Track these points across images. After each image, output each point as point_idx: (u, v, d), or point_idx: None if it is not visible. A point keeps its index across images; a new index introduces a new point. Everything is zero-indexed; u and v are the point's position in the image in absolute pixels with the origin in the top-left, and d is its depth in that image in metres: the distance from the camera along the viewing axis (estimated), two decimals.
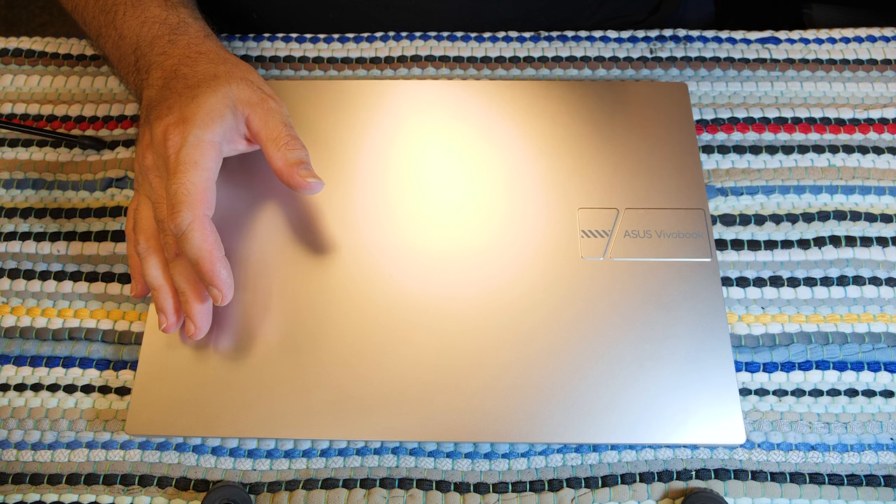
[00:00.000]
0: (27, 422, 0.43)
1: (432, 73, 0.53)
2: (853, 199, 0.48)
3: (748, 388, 0.43)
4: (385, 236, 0.45)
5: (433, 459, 0.42)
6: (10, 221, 0.48)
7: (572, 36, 0.55)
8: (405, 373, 0.41)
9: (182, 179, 0.39)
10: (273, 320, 0.43)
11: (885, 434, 0.42)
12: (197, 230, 0.38)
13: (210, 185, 0.40)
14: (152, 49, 0.45)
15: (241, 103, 0.42)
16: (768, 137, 0.50)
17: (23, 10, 1.41)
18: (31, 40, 0.55)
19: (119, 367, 0.44)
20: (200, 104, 0.40)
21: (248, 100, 0.42)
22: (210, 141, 0.40)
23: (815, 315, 0.45)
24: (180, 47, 0.44)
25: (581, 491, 0.41)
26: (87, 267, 0.47)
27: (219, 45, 0.46)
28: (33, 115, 0.52)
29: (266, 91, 0.44)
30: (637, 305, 0.43)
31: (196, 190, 0.39)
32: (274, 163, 0.42)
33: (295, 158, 0.41)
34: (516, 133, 0.48)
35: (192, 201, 0.38)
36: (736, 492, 0.40)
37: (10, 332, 0.45)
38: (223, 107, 0.41)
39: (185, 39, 0.45)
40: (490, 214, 0.45)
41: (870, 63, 0.53)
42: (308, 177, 0.41)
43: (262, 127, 0.42)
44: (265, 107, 0.42)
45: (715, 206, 0.48)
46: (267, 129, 0.42)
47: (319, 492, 0.41)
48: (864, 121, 0.50)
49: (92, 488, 0.41)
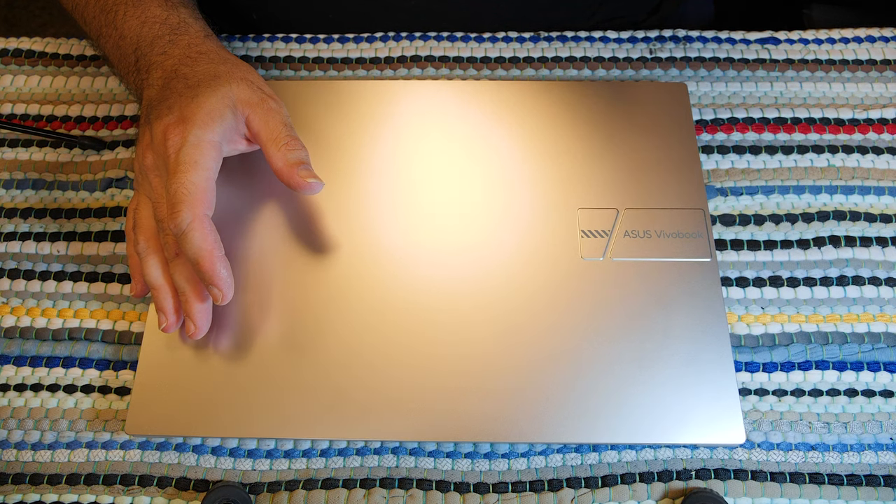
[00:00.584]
0: (27, 422, 0.43)
1: (432, 73, 0.53)
2: (853, 199, 0.48)
3: (748, 387, 0.43)
4: (384, 236, 0.45)
5: (433, 459, 0.42)
6: (10, 221, 0.48)
7: (572, 36, 0.55)
8: (405, 373, 0.41)
9: (182, 179, 0.39)
10: (273, 320, 0.43)
11: (885, 434, 0.42)
12: (197, 229, 0.38)
13: (210, 184, 0.40)
14: (153, 49, 0.45)
15: (241, 103, 0.42)
16: (768, 137, 0.50)
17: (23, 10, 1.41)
18: (31, 40, 0.55)
19: (119, 367, 0.44)
20: (201, 104, 0.40)
21: (248, 100, 0.42)
22: (210, 141, 0.40)
23: (815, 315, 0.45)
24: (181, 47, 0.44)
25: (581, 491, 0.41)
26: (87, 267, 0.47)
27: (219, 45, 0.46)
28: (33, 115, 0.52)
29: (266, 91, 0.44)
30: (637, 305, 0.43)
31: (196, 189, 0.39)
32: (274, 163, 0.42)
33: (295, 158, 0.42)
34: (516, 133, 0.48)
35: (191, 201, 0.38)
36: (736, 492, 0.40)
37: (10, 332, 0.45)
38: (223, 106, 0.41)
39: (186, 39, 0.45)
40: (490, 214, 0.45)
41: (869, 63, 0.53)
42: (308, 177, 0.41)
43: (262, 127, 0.42)
44: (265, 107, 0.42)
45: (715, 206, 0.48)
46: (267, 130, 0.42)
47: (319, 492, 0.41)
48: (864, 121, 0.50)
49: (92, 488, 0.41)
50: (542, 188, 0.46)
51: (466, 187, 0.46)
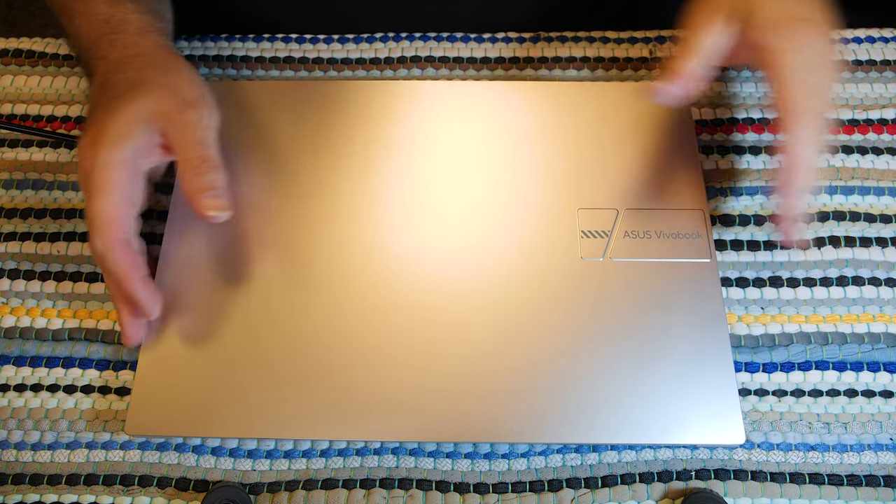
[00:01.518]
0: (27, 422, 0.43)
1: (432, 74, 0.53)
2: (853, 199, 0.48)
3: (748, 388, 0.43)
4: (384, 236, 0.45)
5: (433, 460, 0.42)
6: (10, 221, 0.48)
7: (572, 36, 0.55)
8: (405, 373, 0.41)
9: (93, 205, 0.39)
10: (273, 321, 0.43)
11: (885, 434, 0.42)
12: (109, 255, 0.39)
13: (123, 206, 0.39)
14: (97, 51, 0.44)
15: (155, 117, 0.41)
16: (768, 137, 0.50)
17: (23, 10, 1.41)
18: (31, 41, 0.55)
19: (119, 367, 0.44)
20: (113, 121, 0.40)
21: (164, 112, 0.41)
22: (120, 160, 0.39)
23: (815, 315, 0.45)
24: (117, 49, 0.44)
25: (581, 491, 0.41)
26: (88, 267, 0.47)
27: (156, 42, 0.45)
28: (33, 115, 0.52)
29: (189, 98, 0.42)
30: (637, 306, 0.43)
31: (105, 216, 0.39)
32: (182, 185, 0.41)
33: (202, 184, 0.40)
34: (516, 133, 0.48)
35: (102, 228, 0.39)
36: (735, 492, 0.40)
37: (9, 332, 0.45)
38: (134, 122, 0.40)
39: (122, 40, 0.44)
40: (490, 215, 0.45)
41: (869, 63, 0.53)
42: (210, 209, 0.40)
43: (176, 143, 0.41)
44: (182, 120, 0.41)
45: (715, 206, 0.48)
46: (181, 147, 0.41)
47: (319, 492, 0.41)
48: (864, 121, 0.50)
49: (91, 489, 0.41)
50: (542, 189, 0.46)
51: (467, 188, 0.46)
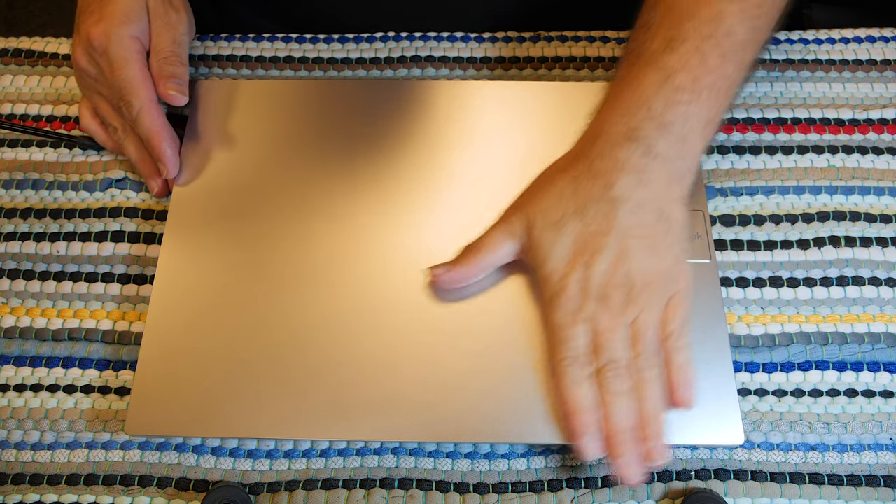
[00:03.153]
0: (27, 422, 0.43)
1: (432, 74, 0.53)
2: (853, 199, 0.48)
3: (747, 388, 0.43)
4: (384, 235, 0.45)
5: (433, 460, 0.42)
6: (10, 221, 0.48)
7: (572, 36, 0.55)
8: (405, 373, 0.41)
9: (121, 74, 0.44)
10: (273, 321, 0.43)
11: (885, 434, 0.42)
12: (146, 114, 0.44)
13: (144, 73, 0.45)
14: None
15: (150, 10, 0.46)
16: (768, 138, 0.50)
17: (23, 10, 1.41)
18: (31, 40, 0.55)
19: (119, 367, 0.44)
20: (117, 4, 0.45)
21: (155, 8, 0.47)
22: (130, 36, 0.45)
23: (815, 315, 0.45)
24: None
25: (581, 491, 0.41)
26: (87, 267, 0.47)
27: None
28: (33, 115, 0.52)
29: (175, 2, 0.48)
30: None
31: (137, 80, 0.44)
32: (152, 70, 0.46)
33: (168, 73, 0.46)
34: (516, 134, 0.48)
35: (136, 89, 0.44)
36: (735, 492, 0.40)
37: (9, 332, 0.45)
38: (138, 7, 0.46)
39: None
40: (490, 215, 0.45)
41: (869, 63, 0.53)
42: (170, 90, 0.45)
43: (154, 37, 0.47)
44: (164, 20, 0.47)
45: (715, 206, 0.48)
46: (157, 41, 0.46)
47: (319, 492, 0.41)
48: (864, 121, 0.50)
49: (91, 489, 0.41)
50: None
51: (466, 188, 0.46)
